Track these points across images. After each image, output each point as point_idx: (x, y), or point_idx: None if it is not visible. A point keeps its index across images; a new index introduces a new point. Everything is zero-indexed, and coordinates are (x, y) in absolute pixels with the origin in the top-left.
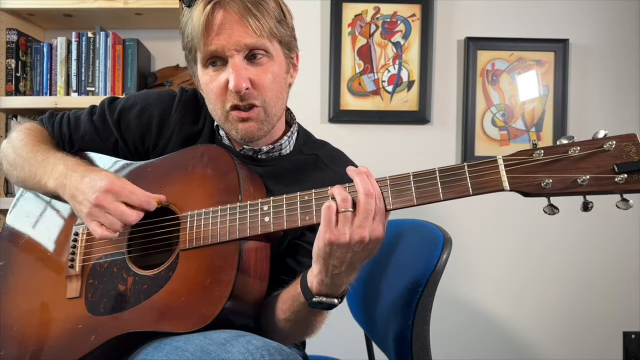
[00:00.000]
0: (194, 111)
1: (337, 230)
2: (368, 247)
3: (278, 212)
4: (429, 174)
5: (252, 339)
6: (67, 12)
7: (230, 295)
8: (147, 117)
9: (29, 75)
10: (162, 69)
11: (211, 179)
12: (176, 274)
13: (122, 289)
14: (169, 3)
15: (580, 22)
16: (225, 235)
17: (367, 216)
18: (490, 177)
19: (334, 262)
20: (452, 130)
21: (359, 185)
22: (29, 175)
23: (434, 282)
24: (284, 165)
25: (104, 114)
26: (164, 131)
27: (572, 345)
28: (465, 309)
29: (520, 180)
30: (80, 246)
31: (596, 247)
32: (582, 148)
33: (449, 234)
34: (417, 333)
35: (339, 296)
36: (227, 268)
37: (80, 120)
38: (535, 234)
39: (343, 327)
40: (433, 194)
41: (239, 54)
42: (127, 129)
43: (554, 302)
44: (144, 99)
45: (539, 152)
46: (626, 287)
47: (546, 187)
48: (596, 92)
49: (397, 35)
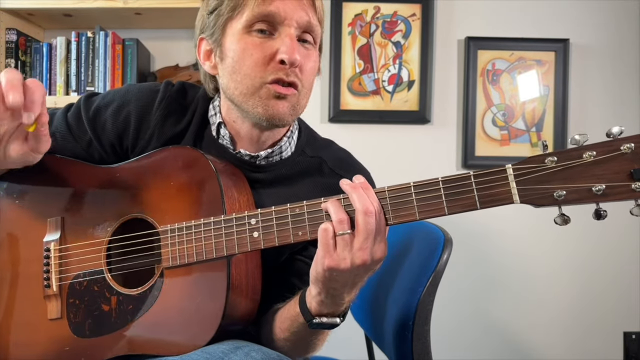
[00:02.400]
0: (178, 109)
1: (336, 255)
2: (370, 267)
3: (268, 227)
4: (432, 184)
5: (250, 350)
6: (67, 12)
7: (223, 315)
8: (125, 115)
9: (29, 75)
10: (161, 69)
11: (190, 187)
12: (163, 294)
13: (107, 309)
14: (169, 3)
15: (580, 21)
16: (211, 252)
17: (367, 237)
18: (499, 190)
19: (334, 285)
20: (453, 130)
21: (357, 203)
22: None
23: (435, 282)
24: (285, 170)
25: (79, 111)
26: (142, 131)
27: (572, 345)
28: (466, 309)
29: (531, 193)
30: (54, 263)
31: (596, 248)
32: (597, 152)
33: (449, 234)
34: (417, 333)
35: (340, 315)
36: (216, 287)
37: (55, 117)
38: (536, 234)
39: (343, 327)
40: (437, 208)
41: (295, 29)
42: (103, 129)
43: (554, 303)
44: (122, 95)
45: (552, 159)
46: (626, 287)
47: (559, 199)
48: (597, 91)
49: (398, 34)
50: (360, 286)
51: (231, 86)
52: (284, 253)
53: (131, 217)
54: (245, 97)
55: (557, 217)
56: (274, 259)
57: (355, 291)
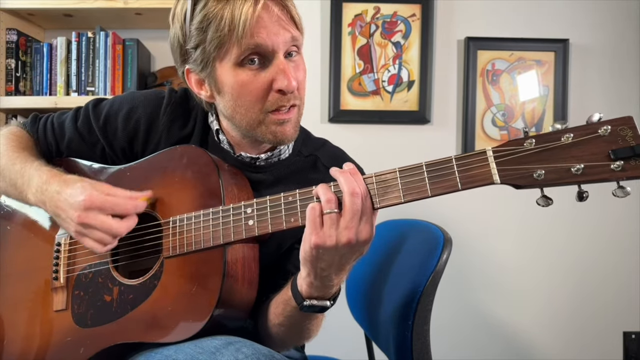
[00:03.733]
0: (183, 114)
1: (322, 232)
2: (356, 248)
3: (262, 214)
4: (416, 168)
5: (242, 346)
6: (67, 12)
7: (217, 303)
8: (135, 121)
9: (29, 75)
10: (162, 69)
11: (192, 182)
12: (161, 283)
13: (108, 300)
14: (169, 3)
15: (580, 22)
16: (209, 240)
17: (353, 217)
18: (480, 170)
19: (322, 265)
20: (452, 130)
21: (344, 185)
22: (10, 185)
23: (434, 282)
24: (283, 170)
25: (89, 119)
26: (151, 135)
27: (572, 345)
28: (466, 309)
29: (511, 173)
30: (64, 257)
31: (596, 247)
32: (575, 135)
33: (449, 234)
34: (417, 333)
35: (331, 298)
36: (212, 275)
37: (65, 126)
38: (536, 235)
39: (343, 327)
40: (420, 190)
41: (283, 52)
42: (114, 135)
43: (554, 302)
44: (129, 101)
45: (530, 142)
46: (626, 287)
47: (539, 179)
48: (596, 91)
49: (397, 35)
50: (348, 269)
51: (237, 117)
52: (283, 246)
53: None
54: (252, 127)
55: (539, 198)
56: (274, 252)
57: (343, 275)
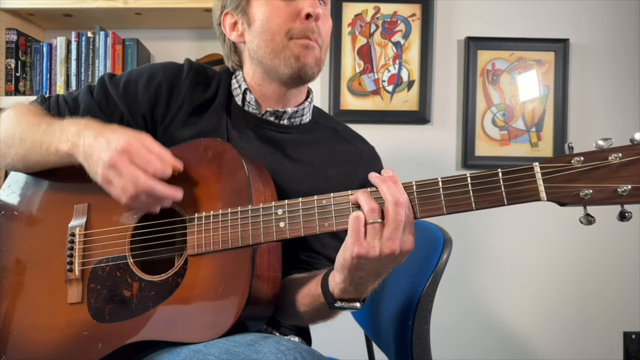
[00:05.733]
0: (204, 79)
1: (366, 243)
2: (398, 259)
3: (294, 217)
4: (460, 180)
5: (280, 339)
6: (67, 12)
7: (246, 304)
8: (156, 85)
9: (29, 75)
10: None
11: (218, 178)
12: (185, 281)
13: (128, 295)
14: (169, 3)
15: (580, 21)
16: (237, 240)
17: (397, 228)
18: (527, 187)
19: (361, 274)
20: (453, 130)
21: (387, 194)
22: (33, 145)
23: (434, 282)
24: (305, 134)
25: (106, 89)
26: (173, 99)
27: (572, 345)
28: (466, 309)
29: (558, 190)
30: (78, 248)
31: (596, 247)
32: (623, 154)
33: (449, 234)
34: (417, 333)
35: (362, 300)
36: (240, 275)
37: (79, 99)
38: (536, 235)
39: (343, 327)
40: (464, 203)
41: None
42: (135, 101)
43: (554, 303)
44: (149, 69)
45: (578, 159)
46: (627, 287)
47: (585, 198)
48: (596, 91)
49: (397, 35)
50: (384, 277)
51: (262, 45)
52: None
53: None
54: (276, 53)
55: (583, 217)
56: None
57: (379, 281)
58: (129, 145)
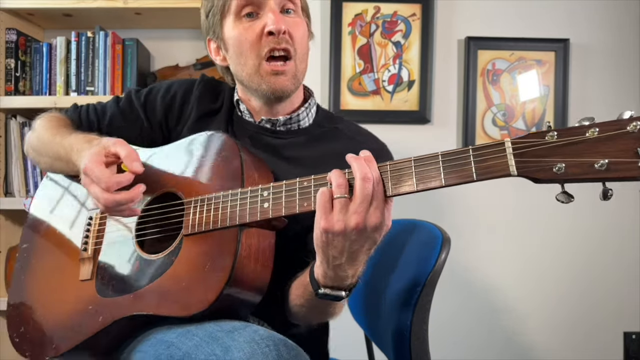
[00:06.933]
0: (213, 91)
1: (331, 217)
2: (365, 235)
3: (277, 198)
4: (431, 158)
5: (259, 329)
6: (67, 12)
7: (228, 281)
8: (171, 95)
9: (29, 75)
10: (161, 69)
11: (215, 165)
12: (178, 259)
13: (129, 273)
14: (169, 3)
15: (580, 21)
16: (225, 220)
17: (362, 201)
18: (496, 161)
19: (333, 253)
20: (453, 130)
21: (356, 170)
22: (55, 159)
23: (433, 282)
24: (304, 137)
25: (131, 99)
26: (185, 108)
27: (572, 346)
28: (464, 309)
29: (529, 165)
30: (93, 230)
31: (597, 247)
32: (601, 129)
33: (447, 233)
34: (415, 333)
35: (346, 288)
36: (225, 254)
37: (107, 107)
38: (536, 234)
39: (343, 327)
40: (434, 179)
41: (276, 3)
42: (153, 110)
43: (554, 303)
44: (168, 83)
45: (552, 135)
46: (627, 287)
47: (559, 172)
48: (597, 91)
49: (398, 34)
50: (361, 260)
51: (239, 69)
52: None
53: (164, 192)
54: (250, 77)
55: (559, 194)
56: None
57: (357, 265)
58: (86, 169)
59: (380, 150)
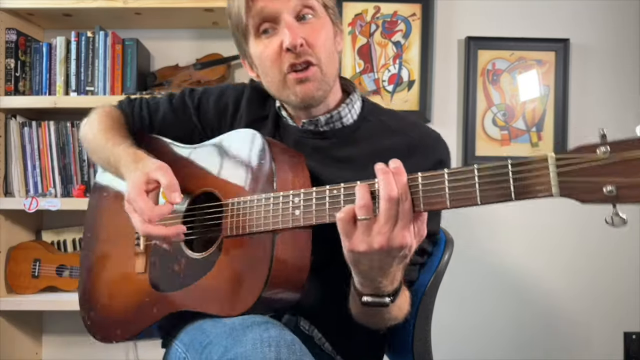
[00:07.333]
0: (261, 97)
1: (354, 238)
2: (391, 254)
3: (308, 205)
4: (466, 172)
5: (271, 328)
6: (67, 12)
7: (265, 285)
8: (224, 103)
9: (28, 74)
10: (161, 69)
11: (251, 167)
12: (219, 261)
13: (177, 269)
14: (169, 3)
15: (581, 21)
16: (260, 226)
17: (386, 222)
18: (537, 180)
19: (362, 268)
20: (453, 130)
21: (381, 188)
22: (104, 162)
23: (436, 283)
24: (350, 135)
25: (184, 99)
26: (237, 115)
27: (572, 346)
28: (467, 309)
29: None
30: None
31: (597, 247)
32: None
33: (450, 234)
34: (418, 333)
35: (389, 295)
36: (262, 259)
37: (160, 104)
38: (536, 235)
39: None
40: (469, 197)
41: (289, 15)
42: (206, 115)
43: (554, 302)
44: (221, 88)
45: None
46: (627, 287)
47: (609, 195)
48: (597, 91)
49: (398, 34)
50: (394, 271)
51: (268, 85)
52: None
53: (204, 191)
54: (279, 91)
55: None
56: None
57: (392, 276)
58: (129, 198)
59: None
